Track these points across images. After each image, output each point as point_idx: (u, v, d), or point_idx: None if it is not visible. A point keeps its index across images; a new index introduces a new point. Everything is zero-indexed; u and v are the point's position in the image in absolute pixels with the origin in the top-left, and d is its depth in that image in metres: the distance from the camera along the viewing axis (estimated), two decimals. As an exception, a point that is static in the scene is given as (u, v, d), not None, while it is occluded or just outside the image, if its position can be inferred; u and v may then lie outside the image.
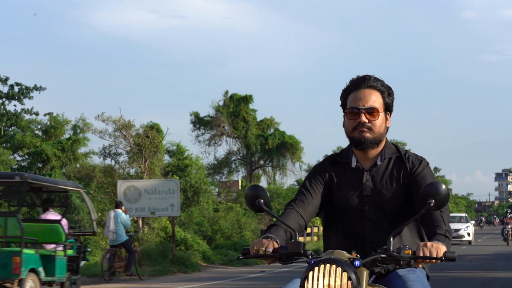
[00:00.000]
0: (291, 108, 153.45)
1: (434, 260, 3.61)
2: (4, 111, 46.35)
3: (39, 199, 17.76)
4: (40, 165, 47.08)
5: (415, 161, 4.16)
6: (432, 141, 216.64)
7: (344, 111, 4.16)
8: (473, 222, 44.70)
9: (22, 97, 46.32)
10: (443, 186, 3.68)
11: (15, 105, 47.07)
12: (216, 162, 69.69)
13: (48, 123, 47.60)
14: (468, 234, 44.53)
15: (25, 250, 14.78)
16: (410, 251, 3.63)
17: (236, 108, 66.44)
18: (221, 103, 67.95)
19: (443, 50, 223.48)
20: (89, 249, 22.28)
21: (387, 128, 4.18)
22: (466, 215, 48.33)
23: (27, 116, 47.19)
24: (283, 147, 66.45)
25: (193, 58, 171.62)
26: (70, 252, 16.29)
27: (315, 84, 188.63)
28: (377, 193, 4.10)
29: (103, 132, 51.10)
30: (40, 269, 15.09)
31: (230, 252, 31.14)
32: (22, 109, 46.88)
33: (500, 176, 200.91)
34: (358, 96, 4.09)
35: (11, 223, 14.74)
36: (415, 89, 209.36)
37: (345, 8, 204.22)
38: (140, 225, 33.42)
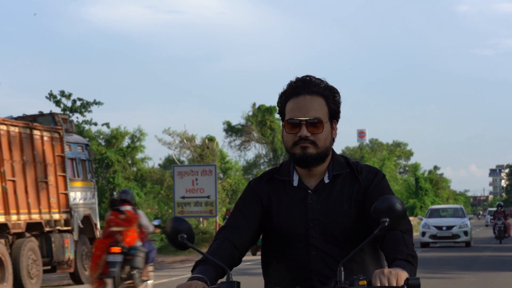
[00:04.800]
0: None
1: None
2: None
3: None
4: (105, 170, 54.60)
5: (369, 175, 3.45)
6: (429, 136, 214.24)
7: (282, 121, 3.43)
8: (470, 215, 38.45)
9: (83, 110, 50.65)
10: (399, 201, 3.09)
11: (77, 117, 51.13)
12: (246, 164, 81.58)
13: (110, 133, 55.35)
14: (465, 233, 34.68)
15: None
16: (365, 282, 3.00)
17: (263, 117, 76.01)
18: (250, 113, 79.42)
19: (438, 44, 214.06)
20: None
21: (333, 139, 3.47)
22: (462, 207, 39.04)
23: (87, 127, 52.31)
24: None
25: (188, 53, 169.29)
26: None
27: None
28: (324, 216, 3.39)
29: (171, 144, 64.93)
30: None
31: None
32: (83, 120, 51.34)
33: (494, 172, 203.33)
34: (298, 104, 3.36)
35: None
36: (411, 84, 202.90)
37: (340, 3, 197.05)
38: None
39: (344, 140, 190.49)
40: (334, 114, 3.44)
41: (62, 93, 48.89)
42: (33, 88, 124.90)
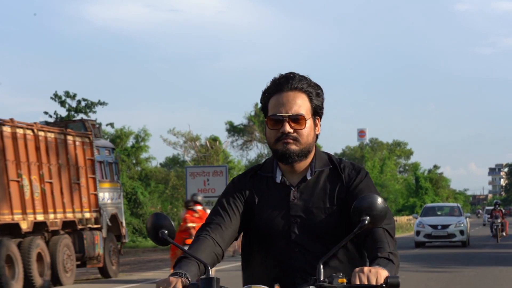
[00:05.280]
0: None
1: None
2: None
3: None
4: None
5: (352, 172, 3.46)
6: (429, 135, 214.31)
7: (265, 118, 3.47)
8: (468, 214, 36.34)
9: (88, 110, 50.32)
10: (379, 200, 3.12)
11: (82, 118, 51.29)
12: (248, 164, 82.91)
13: (114, 133, 55.81)
14: (461, 233, 33.40)
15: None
16: (344, 280, 3.01)
17: (265, 117, 79.09)
18: (252, 113, 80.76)
19: (437, 43, 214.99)
20: None
21: (316, 136, 3.47)
22: (459, 205, 37.54)
23: None
24: None
25: (187, 52, 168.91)
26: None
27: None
28: (307, 213, 3.40)
29: (176, 144, 66.29)
30: None
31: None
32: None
33: (493, 171, 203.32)
34: (281, 100, 3.39)
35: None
36: (410, 84, 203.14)
37: (340, 3, 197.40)
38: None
39: (344, 139, 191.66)
40: (317, 111, 3.45)
41: (67, 94, 49.17)
42: (33, 87, 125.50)
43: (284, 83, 3.40)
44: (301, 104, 3.38)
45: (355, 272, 3.01)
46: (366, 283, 2.99)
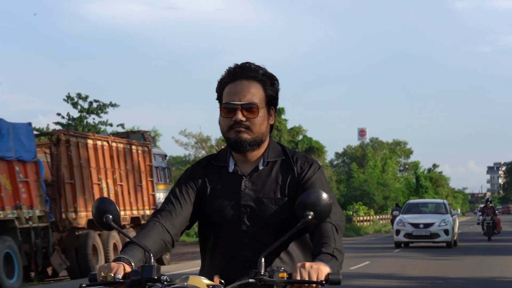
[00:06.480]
0: (282, 98, 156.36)
1: (314, 285, 2.99)
2: (85, 123, 51.34)
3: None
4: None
5: (304, 165, 3.46)
6: (428, 133, 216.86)
7: (219, 107, 3.45)
8: (456, 212, 34.08)
9: (100, 112, 51.41)
10: (324, 195, 3.11)
11: (93, 119, 51.79)
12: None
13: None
14: (446, 232, 29.91)
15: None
16: (285, 274, 3.00)
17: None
18: None
19: (436, 41, 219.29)
20: None
21: (271, 126, 3.49)
22: (445, 201, 33.77)
23: (102, 127, 52.61)
24: (310, 151, 78.09)
25: (186, 50, 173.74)
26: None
27: (308, 76, 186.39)
28: (257, 203, 3.41)
29: (187, 145, 69.92)
30: None
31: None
32: (99, 121, 51.62)
33: (492, 169, 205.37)
34: (235, 89, 3.39)
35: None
36: (410, 81, 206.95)
37: (339, 0, 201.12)
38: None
39: (345, 139, 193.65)
40: (271, 101, 3.44)
41: (79, 96, 50.19)
42: (33, 86, 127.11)
43: (239, 73, 3.41)
44: (254, 93, 3.39)
45: (297, 267, 3.01)
46: (306, 278, 2.97)
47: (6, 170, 17.43)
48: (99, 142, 21.48)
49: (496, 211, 36.67)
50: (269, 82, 3.43)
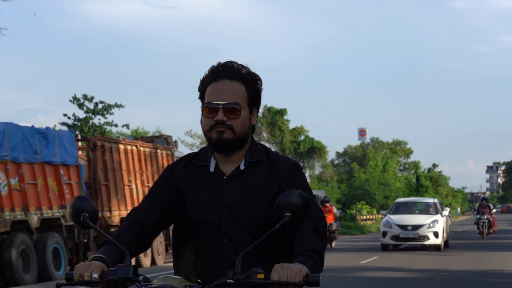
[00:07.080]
0: (282, 98, 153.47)
1: (292, 286, 2.96)
2: (91, 124, 51.96)
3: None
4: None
5: (286, 166, 3.43)
6: (427, 132, 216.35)
7: (201, 106, 3.41)
8: (448, 210, 31.15)
9: (105, 112, 51.20)
10: (303, 196, 3.07)
11: (99, 119, 51.51)
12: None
13: (130, 134, 54.70)
14: (436, 235, 27.50)
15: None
16: (263, 275, 2.97)
17: (273, 119, 79.36)
18: (260, 114, 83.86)
19: (436, 40, 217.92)
20: None
21: (253, 126, 3.45)
22: (436, 201, 30.97)
23: (108, 128, 52.01)
24: (312, 151, 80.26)
25: (185, 49, 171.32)
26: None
27: (307, 75, 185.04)
28: (238, 203, 3.37)
29: (193, 145, 71.51)
30: None
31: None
32: (105, 122, 51.42)
33: (491, 169, 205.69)
34: (217, 89, 3.35)
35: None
36: (409, 80, 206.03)
37: None
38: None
39: (345, 138, 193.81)
40: (254, 101, 3.41)
41: (85, 97, 50.71)
42: (32, 86, 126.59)
43: (221, 72, 3.36)
44: (237, 92, 3.34)
45: (275, 268, 2.99)
46: (284, 279, 2.95)
47: (53, 173, 19.43)
48: (128, 147, 23.30)
49: (493, 210, 35.45)
50: (251, 82, 3.41)
